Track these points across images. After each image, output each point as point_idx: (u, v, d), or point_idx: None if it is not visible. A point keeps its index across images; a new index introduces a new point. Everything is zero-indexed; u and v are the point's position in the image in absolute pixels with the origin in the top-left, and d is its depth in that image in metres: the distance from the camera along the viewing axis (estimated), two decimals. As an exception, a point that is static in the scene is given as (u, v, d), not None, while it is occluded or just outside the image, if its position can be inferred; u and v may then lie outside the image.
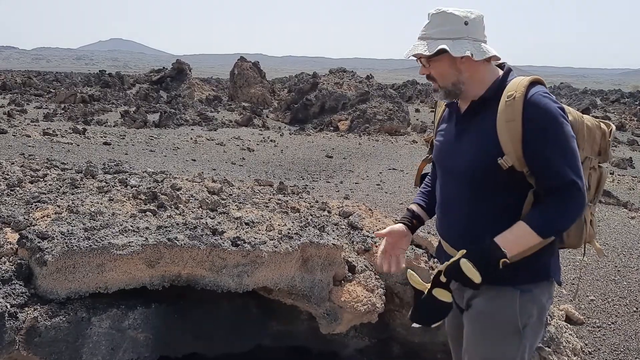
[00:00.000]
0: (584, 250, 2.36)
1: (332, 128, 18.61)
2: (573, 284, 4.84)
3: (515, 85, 2.07)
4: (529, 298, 2.13)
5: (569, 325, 4.20)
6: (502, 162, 2.03)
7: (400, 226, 2.46)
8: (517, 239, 2.02)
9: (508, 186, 2.10)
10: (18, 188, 3.70)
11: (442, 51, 2.08)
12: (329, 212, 4.44)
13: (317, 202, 4.70)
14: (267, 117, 20.88)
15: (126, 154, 9.39)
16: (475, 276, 1.98)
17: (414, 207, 2.54)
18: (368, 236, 4.08)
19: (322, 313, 3.49)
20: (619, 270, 5.08)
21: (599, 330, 4.24)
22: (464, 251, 2.04)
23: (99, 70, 36.37)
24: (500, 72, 2.19)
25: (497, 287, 2.12)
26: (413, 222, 2.50)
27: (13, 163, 4.82)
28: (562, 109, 2.06)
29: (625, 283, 4.84)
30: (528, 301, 2.12)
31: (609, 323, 4.32)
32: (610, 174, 11.00)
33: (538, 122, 2.00)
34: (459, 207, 2.21)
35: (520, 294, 2.12)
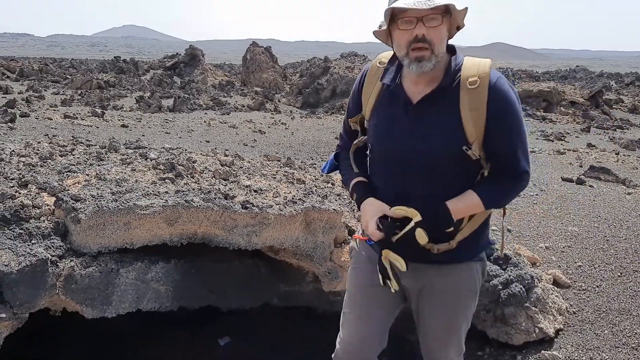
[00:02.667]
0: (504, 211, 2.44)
1: (343, 112, 18.89)
2: (563, 251, 5.15)
3: (476, 69, 2.03)
4: (482, 264, 2.34)
5: (555, 288, 4.53)
6: (472, 153, 2.04)
7: (372, 200, 2.21)
8: (466, 209, 2.10)
9: (467, 172, 2.14)
10: (50, 160, 4.09)
11: (447, 10, 1.97)
12: (332, 184, 4.79)
13: (322, 175, 5.04)
14: (278, 101, 21.21)
15: (143, 135, 9.80)
16: (424, 240, 2.05)
17: (362, 179, 2.32)
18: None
19: (324, 272, 3.85)
20: (607, 240, 5.38)
21: (584, 293, 4.55)
22: (419, 217, 2.05)
23: (114, 57, 36.88)
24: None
25: (460, 264, 2.25)
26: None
27: (40, 142, 5.22)
28: (517, 96, 2.09)
29: (613, 251, 5.14)
30: (481, 267, 2.34)
31: (594, 286, 4.63)
32: (616, 154, 11.20)
33: (502, 111, 2.01)
34: (415, 195, 2.13)
35: (477, 263, 2.31)
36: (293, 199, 3.76)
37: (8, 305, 2.75)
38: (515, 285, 4.03)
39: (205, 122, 12.92)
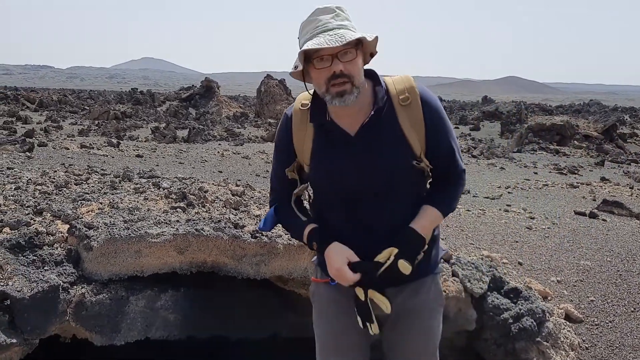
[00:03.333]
0: None
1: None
2: (575, 285, 5.10)
3: (402, 86, 2.11)
4: (439, 275, 2.37)
5: (567, 322, 4.47)
6: (424, 165, 2.11)
7: (336, 245, 2.15)
8: (430, 224, 2.14)
9: (418, 188, 2.21)
10: (65, 189, 4.18)
11: (358, 42, 2.00)
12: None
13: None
14: (292, 133, 21.34)
15: (157, 165, 9.92)
16: (408, 271, 2.06)
17: (314, 225, 2.24)
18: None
19: (333, 302, 3.85)
20: (620, 275, 5.32)
21: (597, 328, 4.49)
22: (395, 250, 2.06)
23: (131, 88, 37.62)
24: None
25: (426, 278, 2.25)
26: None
27: (56, 170, 5.33)
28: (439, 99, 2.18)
29: (626, 286, 5.08)
30: (440, 278, 2.37)
31: (607, 321, 4.56)
32: (630, 188, 11.11)
33: (436, 119, 2.10)
34: (374, 223, 2.14)
35: (437, 275, 2.33)
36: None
37: (19, 331, 2.78)
38: (527, 319, 3.99)
39: (218, 152, 13.06)
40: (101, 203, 3.73)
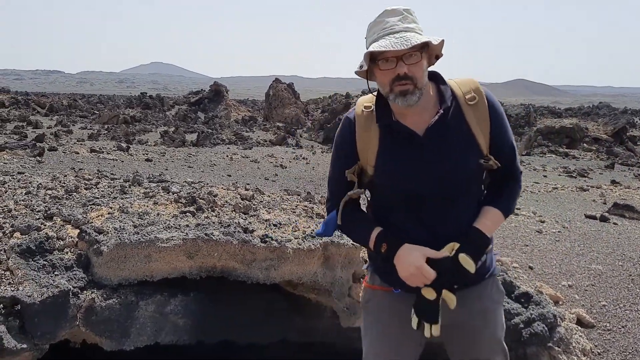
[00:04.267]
0: None
1: (363, 147, 18.97)
2: (587, 290, 5.05)
3: (468, 87, 2.15)
4: (497, 276, 2.38)
5: (579, 327, 4.43)
6: (492, 163, 2.11)
7: (409, 246, 2.12)
8: (493, 224, 2.16)
9: (480, 183, 2.24)
10: (75, 193, 4.19)
11: (425, 45, 2.03)
12: (352, 219, 4.81)
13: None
14: (300, 136, 21.41)
15: (166, 169, 9.96)
16: (472, 267, 2.05)
17: (381, 228, 2.21)
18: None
19: (343, 307, 3.84)
20: (632, 279, 5.26)
21: (609, 333, 4.44)
22: (456, 245, 2.07)
23: (140, 93, 37.81)
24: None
25: (484, 282, 2.26)
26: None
27: (67, 175, 5.36)
28: None
29: (638, 290, 5.02)
30: (497, 278, 2.38)
31: (620, 327, 4.51)
32: (642, 191, 11.02)
33: (499, 119, 2.15)
34: (442, 225, 2.14)
35: (495, 277, 2.34)
36: (312, 233, 3.77)
37: (29, 336, 2.79)
38: (538, 324, 3.96)
39: (227, 156, 13.09)
40: (111, 208, 3.73)
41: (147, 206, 3.80)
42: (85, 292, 3.05)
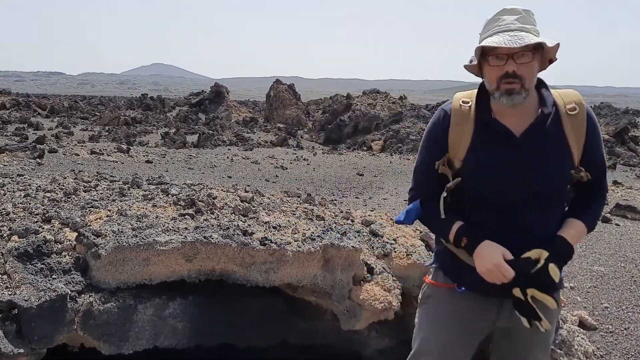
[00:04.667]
0: None
1: (365, 148, 18.98)
2: (589, 292, 5.02)
3: (570, 98, 2.16)
4: None
5: (581, 330, 4.40)
6: (583, 175, 2.12)
7: (490, 243, 2.12)
8: (577, 236, 2.15)
9: (565, 198, 2.23)
10: (73, 196, 4.17)
11: (539, 46, 2.02)
12: (352, 220, 4.78)
13: (341, 211, 5.04)
14: (301, 137, 21.40)
15: (167, 171, 9.95)
16: (557, 277, 2.06)
17: (462, 222, 2.21)
18: (388, 242, 4.40)
19: (343, 310, 3.81)
20: (635, 280, 5.24)
21: (612, 336, 4.41)
22: (545, 253, 2.05)
23: (141, 94, 37.83)
24: None
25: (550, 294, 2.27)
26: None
27: (66, 177, 5.33)
28: None
29: (641, 292, 5.00)
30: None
31: (622, 329, 4.48)
32: (644, 191, 10.98)
33: (595, 135, 2.15)
34: (526, 229, 2.13)
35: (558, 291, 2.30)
36: (312, 235, 3.75)
37: (26, 340, 2.76)
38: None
39: (228, 158, 13.08)
40: (109, 210, 3.71)
41: (146, 209, 3.78)
42: (83, 295, 3.03)
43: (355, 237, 4.17)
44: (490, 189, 2.13)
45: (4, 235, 3.33)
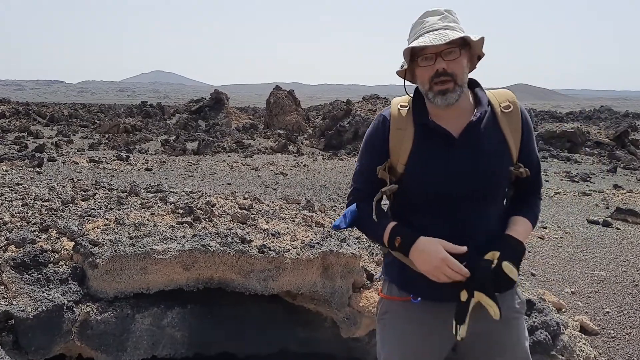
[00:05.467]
0: None
1: (365, 153, 18.95)
2: (590, 297, 4.99)
3: (504, 97, 2.18)
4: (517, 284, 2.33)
5: (583, 335, 4.37)
6: (522, 171, 2.13)
7: (427, 238, 2.08)
8: (524, 232, 2.15)
9: (504, 196, 2.23)
10: (71, 205, 4.16)
11: (464, 43, 2.04)
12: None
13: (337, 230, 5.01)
14: (301, 143, 21.38)
15: (166, 178, 9.93)
16: (515, 275, 2.02)
17: (395, 222, 2.18)
18: (387, 249, 4.38)
19: (342, 317, 3.79)
20: (636, 285, 5.21)
21: (613, 341, 4.38)
22: (497, 253, 2.03)
23: (141, 102, 37.88)
24: None
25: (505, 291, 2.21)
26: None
27: (64, 186, 5.32)
28: None
29: (643, 296, 4.97)
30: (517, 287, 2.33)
31: (624, 334, 4.45)
32: (644, 194, 10.96)
33: (529, 131, 2.19)
34: (470, 229, 2.11)
35: (516, 285, 2.27)
36: (310, 242, 3.73)
37: (23, 351, 2.75)
38: (541, 332, 3.90)
39: (228, 164, 13.07)
40: (107, 219, 3.70)
41: (144, 217, 3.76)
42: (80, 305, 3.01)
43: (354, 244, 4.15)
44: (431, 190, 2.12)
45: (1, 245, 3.31)
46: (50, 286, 2.99)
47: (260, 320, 3.86)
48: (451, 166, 2.09)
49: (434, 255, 2.01)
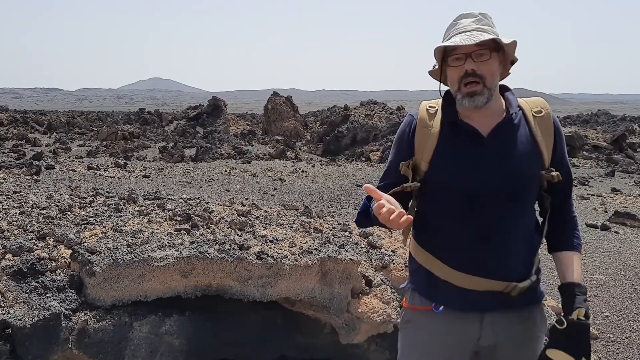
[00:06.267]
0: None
1: (363, 159, 18.97)
2: (589, 301, 4.98)
3: (535, 103, 2.17)
4: (543, 302, 2.28)
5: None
6: (554, 174, 2.07)
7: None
8: (580, 269, 2.12)
9: (534, 202, 2.15)
10: (69, 212, 4.15)
11: (497, 46, 2.03)
12: (350, 232, 4.75)
13: (339, 223, 5.02)
14: (299, 149, 21.40)
15: (164, 185, 9.93)
16: (587, 316, 1.99)
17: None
18: (386, 254, 4.37)
19: (341, 323, 3.77)
20: (635, 288, 5.21)
21: (613, 345, 4.37)
22: (582, 310, 1.96)
23: (139, 109, 37.90)
24: None
25: (534, 305, 2.17)
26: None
27: (62, 194, 5.31)
28: None
29: (642, 300, 4.97)
30: (544, 305, 2.28)
31: (623, 337, 4.45)
32: (641, 198, 10.96)
33: (562, 138, 2.15)
34: (497, 232, 2.05)
35: (542, 303, 2.24)
36: (309, 248, 3.72)
37: (20, 360, 2.73)
38: (546, 335, 3.89)
39: (226, 171, 13.06)
40: (104, 227, 3.69)
41: (142, 224, 3.75)
42: (77, 313, 3.00)
43: (352, 250, 4.14)
44: (456, 189, 2.07)
45: (-2, 253, 3.30)
46: (47, 294, 2.98)
47: (258, 327, 3.84)
48: (478, 165, 2.05)
49: (379, 201, 1.89)
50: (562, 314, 2.02)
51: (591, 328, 4.47)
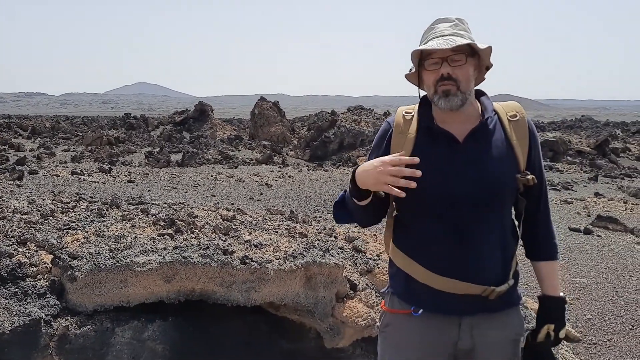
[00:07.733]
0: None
1: (350, 164, 19.00)
2: (572, 304, 5.03)
3: (511, 107, 2.20)
4: (520, 306, 2.30)
5: (565, 342, 4.40)
6: (530, 178, 2.09)
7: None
8: (558, 280, 2.20)
9: (509, 206, 2.16)
10: (51, 218, 4.11)
11: (472, 52, 2.07)
12: (335, 237, 4.76)
13: (325, 228, 5.02)
14: (286, 154, 21.39)
15: (149, 190, 9.86)
16: (576, 336, 2.16)
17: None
18: (371, 258, 4.38)
19: (326, 328, 3.77)
20: (617, 291, 5.26)
21: (595, 347, 4.41)
22: (552, 326, 2.10)
23: (125, 114, 37.65)
24: None
25: (512, 309, 2.18)
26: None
27: (44, 199, 5.26)
28: None
29: (623, 303, 5.02)
30: (520, 308, 2.30)
31: (605, 340, 4.49)
32: (624, 202, 11.10)
33: (536, 142, 2.17)
34: (473, 236, 2.07)
35: (519, 307, 2.25)
36: (293, 253, 3.72)
37: (-1, 367, 2.70)
38: (523, 340, 3.91)
39: (212, 176, 13.01)
40: (87, 232, 3.66)
41: (125, 229, 3.73)
42: (58, 319, 2.97)
43: (337, 254, 4.15)
44: (434, 193, 2.08)
45: (-22, 259, 3.26)
46: (27, 300, 2.94)
47: (243, 332, 3.83)
48: (454, 169, 2.07)
49: (375, 163, 1.99)
50: (530, 331, 2.15)
51: (573, 331, 4.52)
